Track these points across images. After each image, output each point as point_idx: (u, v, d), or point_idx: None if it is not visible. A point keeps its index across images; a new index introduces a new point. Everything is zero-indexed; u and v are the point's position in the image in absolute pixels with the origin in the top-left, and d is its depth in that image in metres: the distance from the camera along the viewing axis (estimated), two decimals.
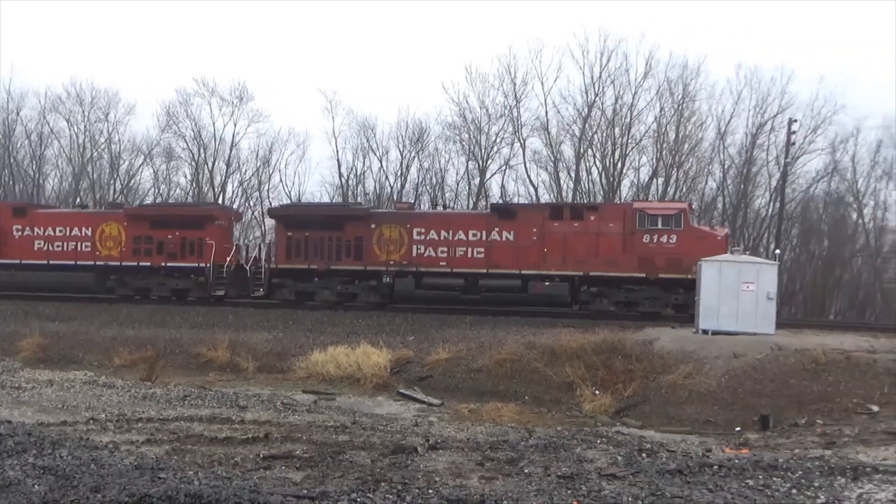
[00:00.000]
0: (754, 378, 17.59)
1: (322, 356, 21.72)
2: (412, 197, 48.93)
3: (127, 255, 29.89)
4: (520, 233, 26.51)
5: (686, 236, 25.02)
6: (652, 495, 7.92)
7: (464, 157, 49.43)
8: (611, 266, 25.40)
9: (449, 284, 26.71)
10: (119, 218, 30.52)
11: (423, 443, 11.18)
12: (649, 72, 46.35)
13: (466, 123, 48.60)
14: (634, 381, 18.76)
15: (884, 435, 12.77)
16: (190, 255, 29.36)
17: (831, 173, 46.28)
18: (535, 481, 8.70)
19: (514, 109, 47.85)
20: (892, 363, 17.29)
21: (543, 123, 47.62)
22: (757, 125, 45.96)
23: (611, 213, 26.62)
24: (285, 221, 29.15)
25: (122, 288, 30.09)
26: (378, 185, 51.45)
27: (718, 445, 12.22)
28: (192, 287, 29.57)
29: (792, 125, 42.41)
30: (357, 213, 29.13)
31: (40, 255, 30.63)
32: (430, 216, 29.45)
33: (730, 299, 21.11)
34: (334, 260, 27.88)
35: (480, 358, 21.04)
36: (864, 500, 7.99)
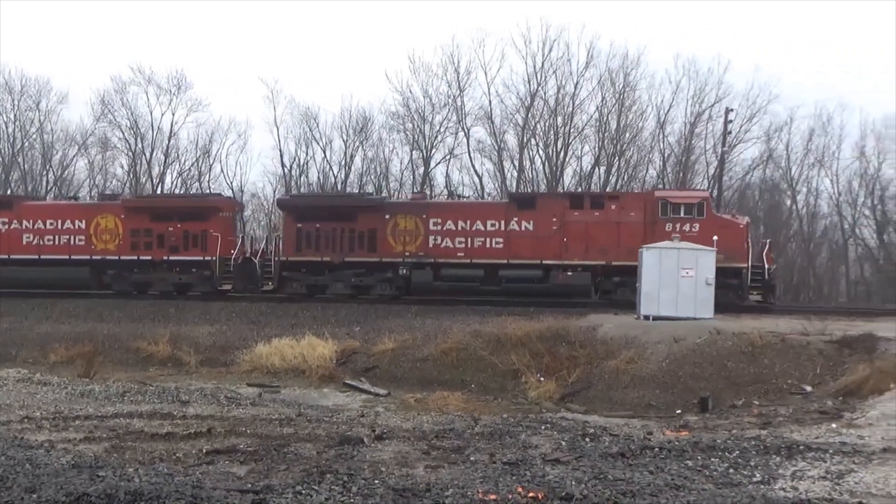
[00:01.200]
0: (694, 362, 18.02)
1: (266, 348, 21.50)
2: (356, 187, 48.67)
3: (125, 248, 28.66)
4: (540, 222, 26.10)
5: (709, 225, 24.91)
6: (595, 479, 8.04)
7: (408, 147, 49.36)
8: (633, 255, 24.39)
9: (468, 276, 26.03)
10: (116, 210, 29.24)
11: (369, 433, 11.14)
12: (591, 62, 46.91)
13: (410, 113, 48.51)
14: (578, 367, 19.06)
15: (816, 414, 13.20)
16: (193, 247, 28.22)
17: (766, 161, 47.60)
18: (480, 468, 8.76)
19: (457, 99, 47.94)
20: (825, 345, 17.90)
21: (487, 113, 47.83)
22: (695, 114, 46.94)
23: (631, 202, 26.54)
24: (295, 213, 28.17)
25: (120, 283, 28.89)
26: (322, 175, 51.02)
27: (659, 428, 12.47)
28: (196, 281, 28.53)
29: (728, 114, 43.54)
30: (370, 204, 28.41)
31: (30, 250, 29.11)
32: (447, 206, 28.90)
33: (670, 285, 21.57)
34: (347, 252, 27.10)
35: (426, 347, 21.08)
36: (798, 478, 8.25)
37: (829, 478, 8.22)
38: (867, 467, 8.65)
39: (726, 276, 24.28)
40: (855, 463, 8.87)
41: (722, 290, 23.87)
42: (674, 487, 7.73)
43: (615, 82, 46.89)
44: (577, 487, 7.66)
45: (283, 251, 27.70)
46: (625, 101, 46.96)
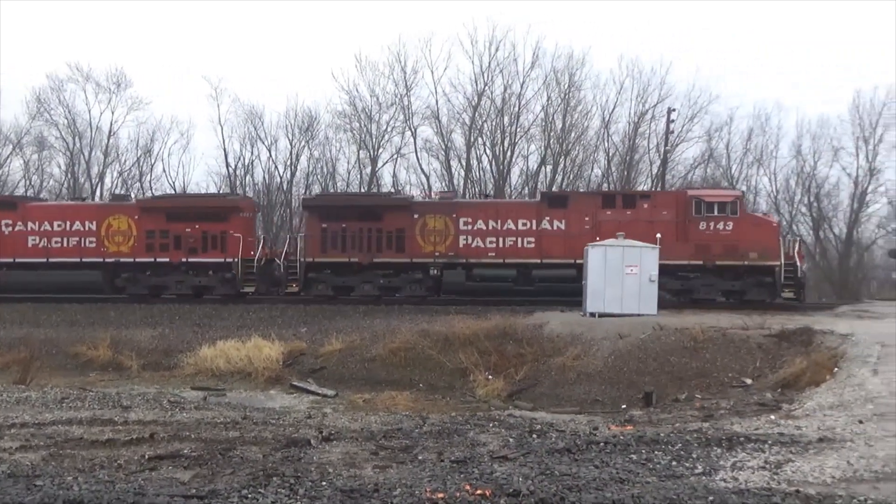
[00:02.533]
0: (638, 357, 18.34)
1: (211, 351, 21.16)
2: (303, 187, 48.28)
3: (139, 250, 27.64)
4: (572, 221, 25.84)
5: (742, 223, 24.99)
6: (541, 474, 8.12)
7: (355, 146, 49.13)
8: (668, 254, 24.38)
9: (501, 275, 25.64)
10: (129, 210, 28.30)
11: (316, 435, 11.05)
12: (536, 62, 47.37)
13: (357, 112, 48.31)
14: (526, 364, 19.22)
15: (756, 406, 13.56)
16: (213, 249, 27.37)
17: (707, 160, 48.68)
18: (428, 467, 8.77)
19: (404, 98, 47.90)
20: (764, 339, 18.40)
21: (434, 112, 47.89)
22: (638, 114, 47.77)
23: (663, 200, 26.50)
24: (320, 212, 27.47)
25: (135, 286, 27.87)
26: (267, 175, 50.44)
27: (605, 423, 12.65)
28: (218, 284, 27.66)
29: (671, 114, 44.45)
30: (399, 203, 27.92)
31: (37, 253, 27.92)
32: (478, 205, 28.45)
33: (615, 282, 21.92)
34: (375, 252, 26.56)
35: (374, 347, 21.01)
36: (738, 468, 8.46)
37: (767, 468, 8.45)
38: (804, 457, 8.91)
39: (761, 273, 24.80)
40: (792, 453, 9.12)
41: (757, 288, 24.82)
42: (618, 481, 7.86)
43: (560, 82, 47.48)
44: (524, 483, 7.72)
45: (308, 252, 27.00)
46: (570, 100, 47.57)
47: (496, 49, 47.28)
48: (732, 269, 24.85)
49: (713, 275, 25.04)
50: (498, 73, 47.53)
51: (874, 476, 8.02)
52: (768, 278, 24.83)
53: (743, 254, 24.60)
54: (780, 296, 25.01)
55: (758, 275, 24.70)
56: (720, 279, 25.08)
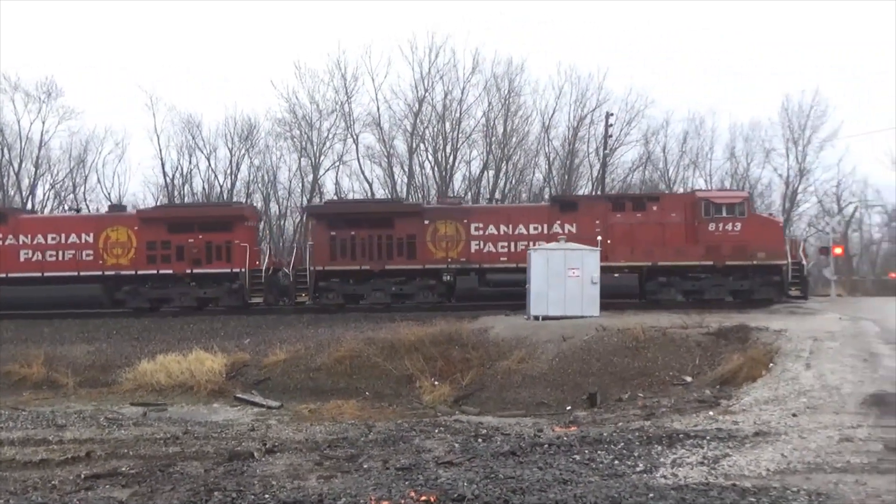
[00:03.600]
0: (582, 359, 18.55)
1: (151, 365, 20.65)
2: (243, 196, 47.62)
3: (140, 262, 26.68)
4: (582, 225, 25.83)
5: (750, 223, 25.37)
6: (486, 478, 8.17)
7: (296, 154, 48.66)
8: (678, 255, 24.99)
9: (514, 280, 24.98)
10: (128, 221, 27.36)
11: (260, 447, 10.92)
12: (476, 68, 47.59)
13: (297, 120, 47.83)
14: (472, 369, 19.25)
15: (696, 403, 13.86)
16: (217, 259, 26.59)
17: (645, 163, 49.73)
18: (373, 475, 8.75)
19: (345, 105, 47.64)
20: (703, 337, 18.81)
21: (375, 119, 47.73)
22: (578, 119, 48.42)
23: (671, 202, 26.64)
24: (328, 220, 27.02)
25: (136, 299, 26.86)
26: (207, 185, 49.60)
27: (550, 425, 12.78)
28: (224, 295, 26.82)
29: (609, 118, 45.19)
30: (409, 209, 27.85)
31: (30, 267, 26.73)
32: (489, 210, 28.20)
33: (557, 285, 22.15)
34: (385, 259, 26.18)
35: (319, 357, 20.80)
36: (678, 465, 8.65)
37: (706, 463, 8.65)
38: (741, 451, 9.16)
39: (769, 273, 25.20)
40: (730, 447, 9.37)
41: (765, 287, 25.16)
42: (562, 482, 7.95)
43: (501, 88, 47.83)
44: (468, 488, 7.76)
45: (316, 260, 26.49)
46: (510, 106, 47.94)
47: (436, 55, 47.47)
48: (741, 269, 25.24)
49: (722, 275, 25.40)
50: (438, 79, 47.72)
51: (807, 467, 8.28)
52: (776, 277, 25.23)
53: (751, 254, 24.99)
54: (787, 294, 25.43)
55: (766, 274, 25.19)
56: (729, 279, 25.45)
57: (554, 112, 48.60)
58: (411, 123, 47.77)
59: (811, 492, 7.37)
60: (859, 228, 49.14)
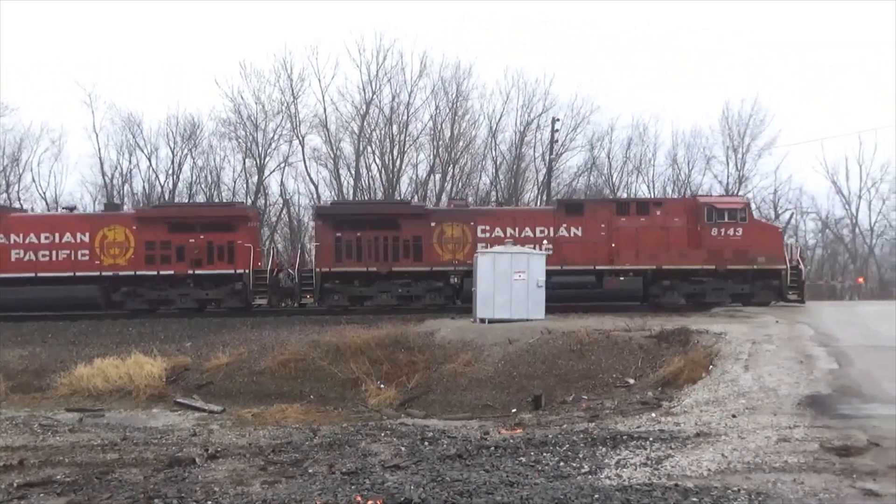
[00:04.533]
0: (527, 361, 18.67)
1: (88, 370, 20.05)
2: (186, 196, 46.73)
3: (138, 263, 26.01)
4: (588, 228, 26.21)
5: (751, 229, 26.07)
6: (433, 481, 8.14)
7: (240, 155, 48.03)
8: (682, 259, 25.64)
9: None
10: (126, 221, 26.62)
11: (201, 453, 10.70)
12: (424, 71, 47.77)
13: (242, 120, 47.26)
14: (418, 372, 19.22)
15: (638, 405, 14.06)
16: (219, 261, 26.10)
17: (590, 168, 50.49)
18: (319, 480, 8.64)
19: (291, 106, 47.22)
20: (645, 340, 19.11)
21: (322, 120, 47.47)
22: (524, 124, 48.97)
23: (674, 207, 27.16)
24: (334, 221, 26.79)
25: (135, 301, 26.21)
26: (147, 185, 48.56)
27: (496, 428, 12.82)
28: (226, 296, 26.34)
29: (555, 124, 45.76)
30: (415, 211, 27.84)
31: (23, 267, 25.80)
32: (495, 213, 28.35)
33: (504, 288, 22.28)
34: (392, 261, 26.07)
35: (263, 360, 20.51)
36: (622, 466, 8.75)
37: (649, 464, 8.77)
38: (682, 451, 9.32)
39: (768, 277, 25.91)
40: (672, 448, 9.52)
41: (764, 291, 25.93)
42: (508, 484, 7.97)
43: (448, 92, 48.07)
44: (415, 491, 7.72)
45: (321, 262, 26.30)
46: (458, 110, 48.21)
47: (384, 58, 47.45)
48: (741, 272, 25.93)
49: (723, 279, 26.02)
50: (386, 81, 47.72)
51: (746, 467, 8.47)
52: (775, 281, 25.98)
53: (752, 258, 25.74)
54: (785, 298, 26.07)
55: (765, 278, 25.93)
56: (730, 283, 26.06)
57: (501, 116, 49.11)
58: (358, 126, 47.64)
59: (751, 491, 7.53)
60: (795, 235, 50.60)
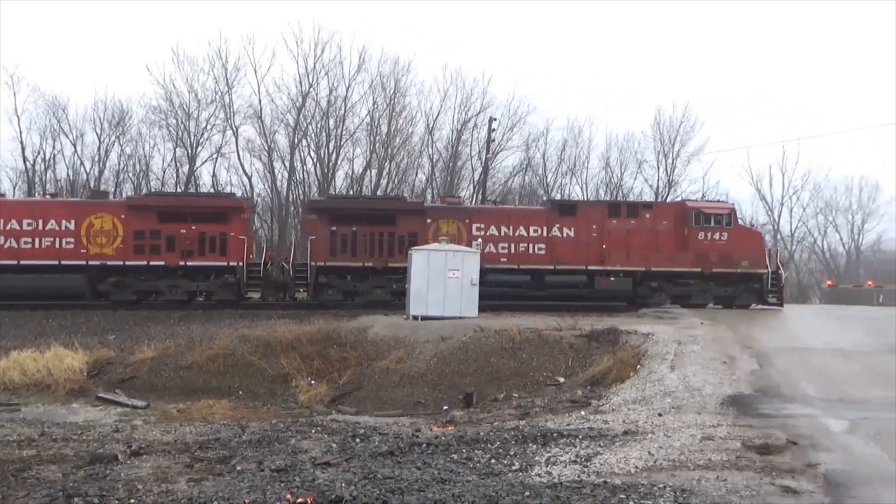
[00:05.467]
0: (460, 359, 18.73)
1: (3, 363, 19.22)
2: (112, 185, 45.34)
3: (126, 252, 25.03)
4: (580, 229, 26.55)
5: (735, 233, 26.81)
6: (364, 479, 8.09)
7: (171, 144, 46.84)
8: (670, 262, 26.24)
9: (515, 281, 25.89)
10: (114, 209, 25.63)
11: (124, 449, 10.39)
12: (362, 66, 47.47)
13: (174, 108, 46.09)
14: (349, 368, 19.08)
15: (568, 403, 14.27)
16: (211, 252, 25.41)
17: (525, 168, 51.11)
18: (247, 478, 8.49)
19: (225, 96, 46.30)
20: (576, 339, 19.39)
21: (257, 111, 46.68)
22: (461, 122, 49.17)
23: (663, 211, 27.85)
24: (329, 215, 26.43)
25: (122, 292, 25.24)
26: (72, 172, 46.91)
27: (427, 425, 12.83)
28: (218, 289, 25.68)
29: (492, 123, 46.08)
30: (412, 207, 27.85)
31: (5, 254, 24.66)
32: (490, 211, 28.42)
33: (437, 286, 22.30)
34: (387, 256, 25.77)
35: (190, 354, 20.03)
36: (552, 463, 8.86)
37: (578, 461, 8.90)
38: (610, 449, 9.49)
39: (750, 280, 26.64)
40: (601, 446, 9.69)
41: (746, 293, 26.70)
42: (440, 481, 7.98)
43: (386, 87, 47.90)
44: (346, 489, 7.65)
45: (315, 255, 25.89)
46: (395, 106, 48.07)
47: (322, 51, 46.97)
48: (725, 276, 26.67)
49: (709, 281, 26.70)
50: (323, 75, 47.24)
51: (672, 465, 8.67)
52: (756, 285, 26.76)
53: (736, 262, 26.50)
54: (766, 301, 26.84)
55: (748, 282, 26.69)
56: (714, 285, 26.77)
57: (438, 114, 49.23)
58: (294, 118, 47.06)
59: (676, 488, 7.71)
60: None
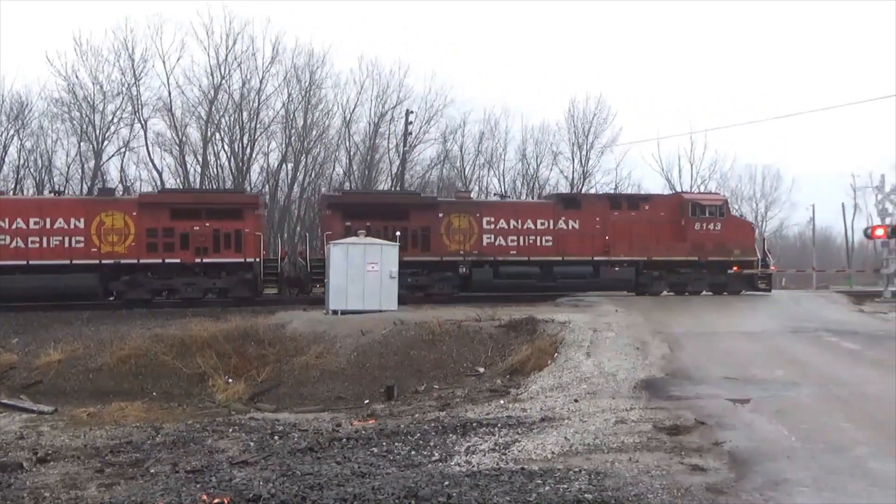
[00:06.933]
0: (380, 352, 18.72)
1: None
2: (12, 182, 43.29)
3: (139, 250, 24.74)
4: (585, 221, 27.63)
5: (728, 224, 28.52)
6: (283, 476, 8.01)
7: (75, 138, 44.98)
8: (669, 251, 27.65)
9: (526, 272, 26.82)
10: (125, 206, 25.29)
11: (30, 457, 9.97)
12: (276, 57, 46.65)
13: (77, 101, 44.24)
14: (268, 365, 18.84)
15: (488, 393, 14.44)
16: (226, 249, 25.24)
17: (443, 161, 51.24)
18: (161, 480, 8.29)
19: (132, 88, 44.74)
20: (495, 329, 19.63)
21: (167, 104, 45.30)
22: (378, 115, 48.92)
23: (661, 203, 29.12)
24: (344, 210, 26.84)
25: (136, 290, 24.89)
26: None
27: (348, 419, 12.77)
28: (234, 286, 25.43)
29: (409, 116, 46.05)
30: (424, 202, 28.58)
31: (11, 254, 24.05)
32: (499, 205, 29.19)
33: (357, 280, 22.22)
34: (402, 251, 25.36)
35: (100, 356, 19.41)
36: (471, 452, 8.96)
37: (497, 449, 9.04)
38: (529, 436, 9.67)
39: (742, 268, 28.29)
40: (519, 434, 9.85)
41: (738, 281, 28.23)
42: (360, 475, 7.97)
43: (301, 80, 47.21)
44: (264, 487, 7.56)
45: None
46: (311, 98, 47.45)
47: (234, 42, 45.91)
48: (718, 264, 28.14)
49: (704, 270, 28.17)
50: (236, 66, 46.19)
51: (587, 449, 8.90)
52: (747, 272, 28.29)
53: (729, 251, 28.07)
54: (756, 287, 28.36)
55: (741, 269, 28.18)
56: (708, 273, 28.22)
57: (355, 107, 48.84)
58: (206, 111, 45.87)
59: (591, 471, 7.92)
60: None
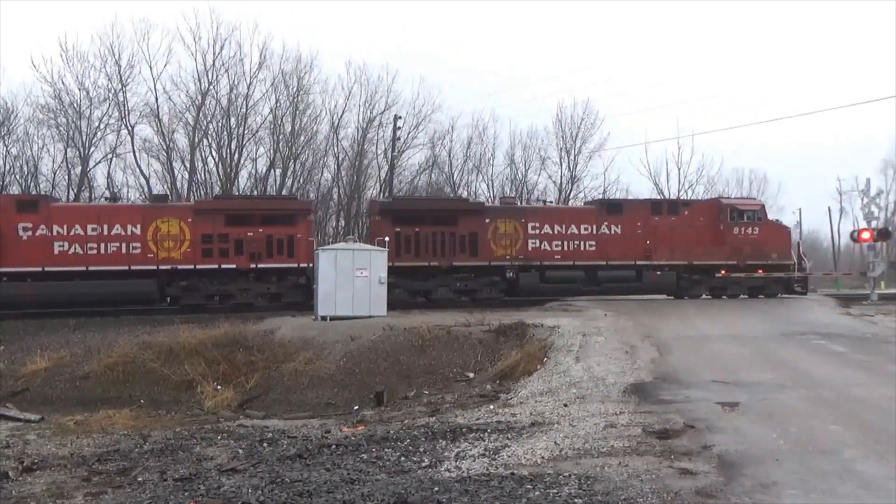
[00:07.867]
0: (369, 358, 18.66)
1: None
2: None
3: (195, 256, 25.14)
4: (626, 226, 28.24)
5: (765, 228, 29.22)
6: (272, 483, 7.97)
7: (61, 144, 44.72)
8: (708, 255, 28.35)
9: (571, 277, 27.46)
10: (181, 213, 25.66)
11: (16, 466, 9.89)
12: (264, 63, 46.59)
13: (64, 107, 43.99)
14: (257, 372, 18.74)
15: (477, 398, 14.41)
16: (278, 254, 25.72)
17: (432, 166, 51.28)
18: (149, 488, 8.23)
19: (119, 93, 44.54)
20: (484, 334, 19.61)
21: (154, 110, 45.13)
22: (367, 120, 48.91)
23: (700, 208, 30.06)
24: (393, 216, 27.16)
25: (192, 296, 25.26)
26: None
27: (337, 426, 12.71)
28: (287, 290, 25.89)
29: (397, 121, 46.07)
30: (472, 208, 29.10)
31: (70, 260, 24.25)
32: (543, 211, 29.73)
33: (345, 285, 22.16)
34: (450, 256, 26.76)
35: (88, 363, 19.26)
36: (461, 458, 8.94)
37: (487, 455, 9.02)
38: (518, 441, 9.65)
39: (778, 271, 28.94)
40: (508, 439, 9.84)
41: (775, 283, 28.88)
42: (349, 482, 7.94)
43: (289, 85, 47.16)
44: (253, 495, 7.53)
45: None
46: (299, 104, 47.38)
47: (221, 47, 45.82)
48: (756, 267, 28.82)
49: (741, 273, 28.67)
50: (223, 72, 46.09)
51: (577, 453, 8.90)
52: (784, 275, 28.99)
53: (767, 255, 28.79)
54: (792, 290, 29.01)
55: (776, 272, 28.88)
56: (745, 277, 28.74)
57: (343, 112, 48.81)
58: (193, 117, 45.75)
59: (580, 476, 7.91)
60: None
